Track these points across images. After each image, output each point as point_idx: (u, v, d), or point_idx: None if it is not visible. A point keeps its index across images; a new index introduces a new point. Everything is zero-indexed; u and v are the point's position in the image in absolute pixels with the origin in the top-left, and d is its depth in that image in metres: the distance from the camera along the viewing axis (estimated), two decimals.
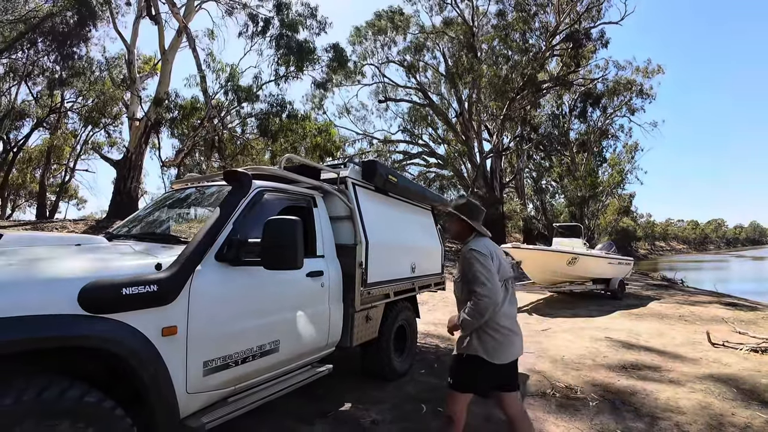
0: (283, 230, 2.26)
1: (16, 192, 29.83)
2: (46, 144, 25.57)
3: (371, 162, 3.79)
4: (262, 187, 2.78)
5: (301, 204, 3.18)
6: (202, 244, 2.22)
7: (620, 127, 28.94)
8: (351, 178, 3.58)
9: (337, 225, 3.43)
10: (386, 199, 4.10)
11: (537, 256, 8.63)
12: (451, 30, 22.88)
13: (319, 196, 3.37)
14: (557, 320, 7.42)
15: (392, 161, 25.53)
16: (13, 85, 20.78)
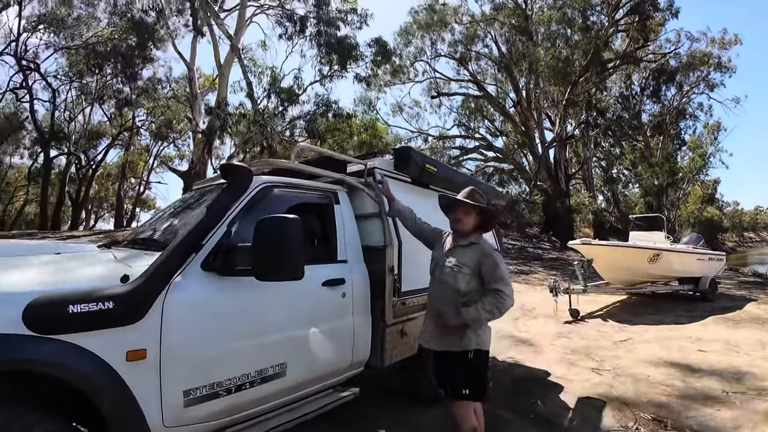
0: (277, 231, 1.84)
1: (99, 204, 32.81)
2: (121, 160, 27.74)
3: (404, 149, 3.24)
4: (267, 183, 2.41)
5: (319, 201, 2.78)
6: (180, 251, 1.84)
7: (699, 106, 26.07)
8: (380, 170, 3.10)
9: (364, 224, 2.97)
10: (424, 193, 3.52)
11: (612, 253, 7.54)
12: (502, 15, 21.64)
13: (342, 191, 2.94)
14: (638, 328, 6.37)
15: (448, 157, 24.64)
16: (87, 106, 22.65)
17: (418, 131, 24.87)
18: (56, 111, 20.89)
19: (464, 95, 24.32)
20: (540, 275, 12.42)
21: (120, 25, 18.80)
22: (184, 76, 21.61)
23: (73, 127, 23.06)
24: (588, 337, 5.76)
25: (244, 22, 18.78)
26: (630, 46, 22.05)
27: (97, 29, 19.54)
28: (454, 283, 2.23)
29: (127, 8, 18.17)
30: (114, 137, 25.17)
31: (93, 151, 25.64)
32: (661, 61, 22.96)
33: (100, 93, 21.10)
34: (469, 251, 2.27)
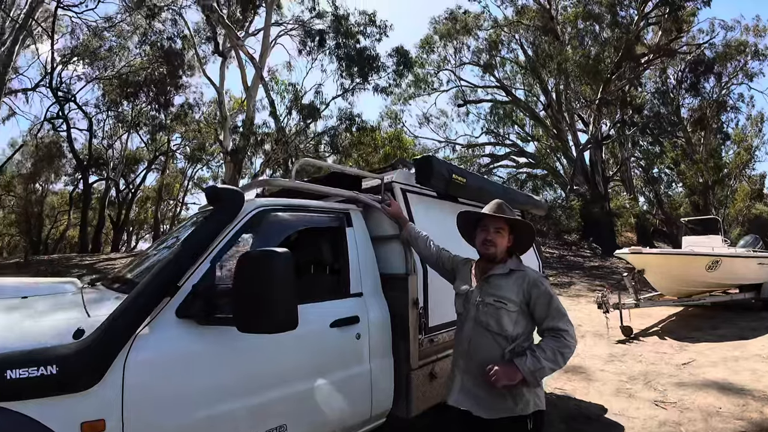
0: (263, 271, 1.47)
1: (140, 226, 34.01)
2: (158, 183, 28.71)
3: (426, 159, 2.78)
4: (264, 206, 2.08)
5: (328, 224, 2.42)
6: (148, 296, 1.52)
7: (739, 97, 24.39)
8: (399, 184, 2.68)
9: (382, 248, 2.56)
10: (453, 208, 3.04)
11: (666, 261, 6.77)
12: (526, 18, 21.07)
13: (355, 211, 2.55)
14: (700, 347, 5.62)
15: (478, 165, 23.96)
16: (123, 133, 23.60)
17: (446, 140, 24.34)
18: (94, 138, 21.84)
19: (492, 101, 23.70)
20: (582, 285, 11.62)
21: (150, 54, 19.54)
22: (215, 100, 22.22)
23: (111, 154, 24.14)
24: (645, 360, 5.10)
25: (268, 44, 19.10)
26: (663, 38, 21.00)
27: (129, 59, 20.39)
28: (498, 326, 1.76)
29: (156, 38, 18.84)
30: (150, 162, 26.11)
31: (132, 175, 26.74)
32: (696, 52, 21.73)
33: (136, 120, 21.91)
34: (511, 282, 1.82)
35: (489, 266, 1.91)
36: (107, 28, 18.97)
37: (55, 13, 17.62)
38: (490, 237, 1.88)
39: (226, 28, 15.96)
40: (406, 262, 2.45)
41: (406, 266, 2.45)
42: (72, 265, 12.62)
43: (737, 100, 24.49)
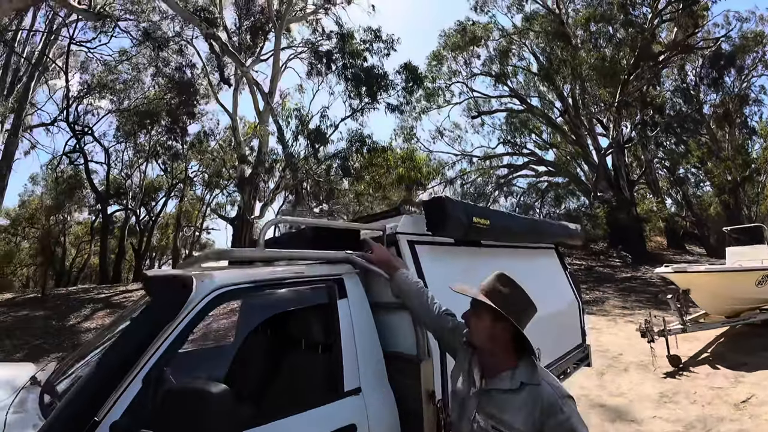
0: (188, 415, 1.09)
1: (162, 252, 34.46)
2: (176, 211, 29.09)
3: (437, 203, 2.21)
4: (223, 288, 1.58)
5: (313, 300, 1.95)
6: None
7: (761, 89, 23.58)
8: (405, 235, 2.17)
9: (386, 318, 2.03)
10: (473, 255, 2.55)
11: (713, 280, 6.17)
12: (536, 24, 20.74)
13: (350, 275, 2.01)
14: (758, 376, 5.00)
15: (496, 177, 23.43)
16: (142, 163, 24.08)
17: (462, 153, 23.90)
18: (113, 169, 22.34)
19: (506, 111, 23.28)
20: (616, 302, 10.97)
21: (163, 85, 19.91)
22: (230, 126, 22.52)
23: (130, 183, 24.64)
24: (701, 399, 4.55)
25: (279, 68, 19.23)
26: (679, 35, 20.41)
27: (143, 90, 20.85)
28: None
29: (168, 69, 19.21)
30: (169, 189, 26.51)
31: (152, 203, 27.21)
32: (713, 47, 21.05)
33: (153, 150, 22.29)
34: (519, 401, 1.28)
35: (492, 370, 1.39)
36: (121, 61, 19.46)
37: (68, 50, 18.12)
38: (473, 328, 1.42)
39: (232, 56, 16.10)
40: (417, 340, 1.90)
41: (417, 347, 1.89)
42: (88, 300, 12.61)
43: (759, 92, 23.60)
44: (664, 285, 11.73)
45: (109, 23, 16.26)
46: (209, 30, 14.45)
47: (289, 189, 15.50)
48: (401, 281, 1.85)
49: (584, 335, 3.45)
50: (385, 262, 1.96)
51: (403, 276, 1.87)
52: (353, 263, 2.03)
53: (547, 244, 3.46)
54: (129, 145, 22.36)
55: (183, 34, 18.25)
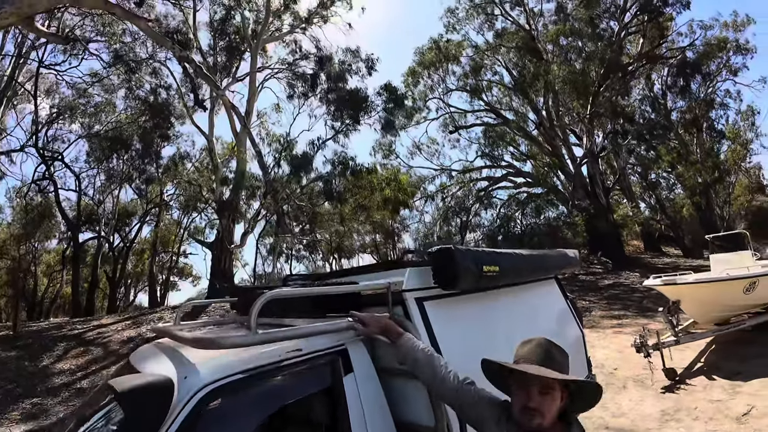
0: None
1: (137, 279, 33.28)
2: (151, 237, 28.26)
3: (446, 253, 2.00)
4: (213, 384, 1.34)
5: (315, 383, 1.68)
6: None
7: (726, 93, 24.58)
8: (413, 291, 1.96)
9: (395, 385, 1.83)
10: (479, 300, 2.34)
11: (702, 290, 6.31)
12: (508, 40, 21.30)
13: (355, 344, 1.81)
14: (755, 385, 5.04)
15: (476, 190, 23.69)
16: (114, 188, 23.38)
17: (441, 168, 24.13)
18: (85, 196, 21.57)
19: (483, 125, 23.68)
20: (602, 312, 11.07)
21: (135, 107, 19.47)
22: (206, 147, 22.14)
23: (102, 209, 23.85)
24: (702, 415, 4.55)
25: (255, 89, 19.08)
26: (645, 46, 21.27)
27: (115, 114, 20.35)
28: None
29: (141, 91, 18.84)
30: (143, 214, 25.76)
31: (126, 228, 26.39)
32: (678, 56, 22.00)
33: (126, 174, 21.67)
34: None
35: None
36: (92, 84, 18.97)
37: (37, 73, 17.53)
38: (533, 404, 1.26)
39: (206, 79, 15.84)
40: (434, 411, 1.68)
41: (435, 420, 1.67)
42: (61, 337, 11.97)
43: (724, 96, 24.61)
44: (647, 290, 11.95)
45: (79, 46, 15.84)
46: (182, 53, 14.17)
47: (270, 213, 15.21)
48: (407, 349, 1.62)
49: (590, 365, 3.39)
50: (383, 329, 1.71)
51: (408, 343, 1.64)
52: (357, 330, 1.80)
53: (553, 273, 3.38)
54: (101, 170, 21.67)
55: (156, 56, 17.94)
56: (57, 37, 13.40)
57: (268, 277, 23.91)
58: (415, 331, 1.81)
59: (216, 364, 1.41)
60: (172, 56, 16.92)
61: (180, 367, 1.41)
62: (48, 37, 13.46)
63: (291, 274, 2.79)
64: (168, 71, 18.97)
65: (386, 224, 25.07)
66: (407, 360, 1.61)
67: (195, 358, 1.47)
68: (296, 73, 16.56)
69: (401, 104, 17.05)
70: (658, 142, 23.47)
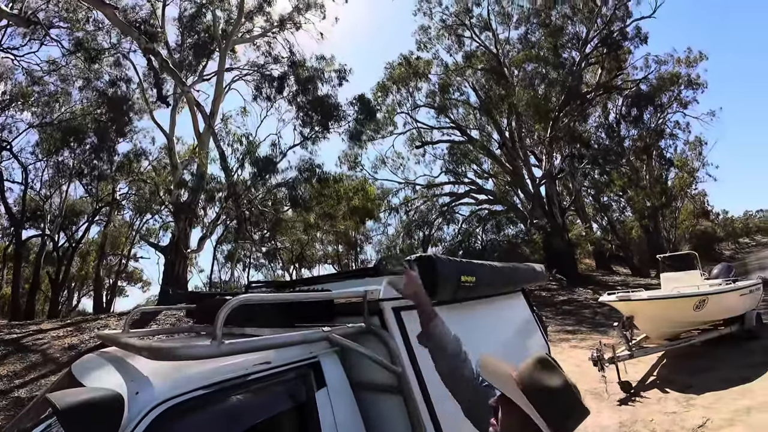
0: None
1: (81, 282, 31.11)
2: (100, 238, 26.60)
3: (426, 262, 1.95)
4: (170, 401, 1.19)
5: (285, 400, 1.52)
6: None
7: (675, 124, 26.46)
8: (390, 301, 1.83)
9: (372, 400, 1.71)
10: (450, 310, 2.17)
11: (655, 307, 6.65)
12: (477, 62, 21.99)
13: (328, 355, 1.68)
14: (707, 398, 5.33)
15: (439, 205, 24.06)
16: (63, 183, 21.93)
17: (406, 181, 24.39)
18: (30, 189, 20.09)
19: (448, 142, 24.20)
20: (558, 327, 11.41)
21: (93, 99, 18.45)
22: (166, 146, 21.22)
23: (49, 206, 22.25)
24: (659, 428, 4.70)
25: (222, 90, 18.54)
26: (603, 76, 22.55)
27: (71, 104, 19.20)
28: None
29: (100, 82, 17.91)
30: (92, 213, 24.23)
31: (73, 227, 24.65)
32: (633, 88, 23.45)
33: (77, 169, 20.36)
34: None
35: None
36: (48, 72, 17.83)
37: None
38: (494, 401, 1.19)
39: (172, 74, 15.29)
40: (412, 423, 1.57)
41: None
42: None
43: (674, 127, 26.40)
44: (598, 306, 12.46)
45: (40, 31, 14.87)
46: (148, 45, 13.65)
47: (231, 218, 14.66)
48: (440, 334, 1.46)
49: None
50: (422, 302, 1.53)
51: (441, 328, 1.49)
52: (329, 340, 1.60)
53: (521, 285, 3.41)
54: (50, 163, 20.28)
55: (119, 47, 17.12)
56: (20, 19, 12.60)
57: (225, 284, 23.04)
58: (392, 341, 1.70)
59: (173, 378, 1.25)
60: (136, 48, 16.23)
61: (131, 381, 1.24)
62: (10, 18, 12.62)
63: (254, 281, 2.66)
64: (131, 64, 18.17)
65: (350, 235, 24.91)
66: (435, 345, 1.46)
67: (148, 370, 1.29)
68: (265, 76, 16.22)
69: (373, 116, 17.04)
70: (611, 167, 24.77)
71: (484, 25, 22.27)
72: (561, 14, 21.71)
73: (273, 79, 15.43)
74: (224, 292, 3.16)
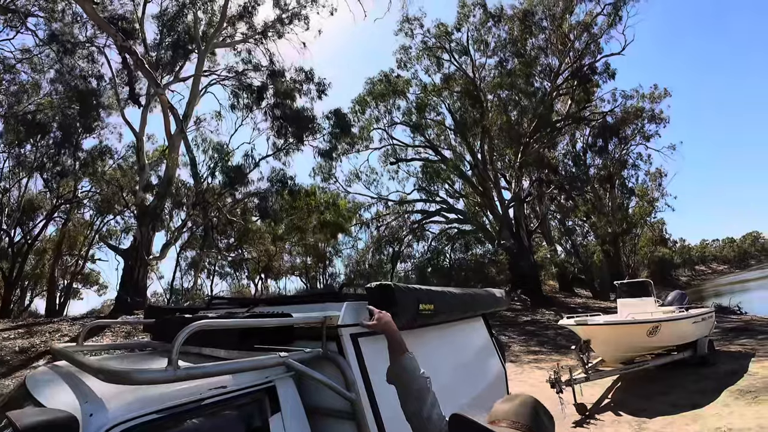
0: None
1: (36, 282, 29.41)
2: (57, 236, 25.35)
3: (385, 290, 1.94)
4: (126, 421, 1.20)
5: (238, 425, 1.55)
6: None
7: (638, 156, 28.00)
8: (348, 327, 1.86)
9: (324, 427, 1.74)
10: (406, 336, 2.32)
11: (611, 332, 6.93)
12: (454, 84, 22.60)
13: (283, 380, 1.68)
14: (659, 423, 5.53)
15: (410, 222, 24.31)
16: (23, 177, 20.94)
17: (378, 197, 24.57)
18: None
19: (422, 160, 24.61)
20: (521, 348, 11.65)
21: (62, 92, 17.79)
22: (134, 145, 20.58)
23: (6, 199, 21.12)
24: None
25: (198, 92, 18.25)
26: (573, 107, 23.59)
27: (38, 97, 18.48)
28: None
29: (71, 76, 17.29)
30: (51, 210, 23.10)
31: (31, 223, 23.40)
32: (599, 119, 24.63)
33: (39, 163, 19.45)
34: None
35: None
36: (20, 60, 17.14)
37: None
38: None
39: (146, 74, 14.97)
40: None
41: None
42: None
43: (636, 158, 27.81)
44: (559, 328, 12.82)
45: (17, 19, 14.32)
46: (125, 43, 13.34)
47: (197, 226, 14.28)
48: (409, 370, 1.43)
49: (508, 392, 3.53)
50: (394, 338, 1.52)
51: (412, 363, 1.46)
52: (288, 367, 1.63)
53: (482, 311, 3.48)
54: (11, 154, 19.34)
55: (95, 41, 16.65)
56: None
57: (187, 293, 22.30)
58: (348, 368, 1.73)
59: (127, 401, 1.25)
60: (111, 44, 15.82)
61: (85, 403, 1.24)
62: None
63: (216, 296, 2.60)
64: (105, 59, 17.68)
65: (319, 248, 24.73)
66: (401, 382, 1.44)
67: (102, 391, 1.29)
68: (243, 83, 16.08)
69: (348, 131, 17.13)
70: (576, 194, 25.76)
71: (462, 49, 22.94)
72: (535, 46, 22.68)
73: (252, 90, 15.29)
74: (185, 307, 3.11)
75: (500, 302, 3.75)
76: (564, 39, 22.37)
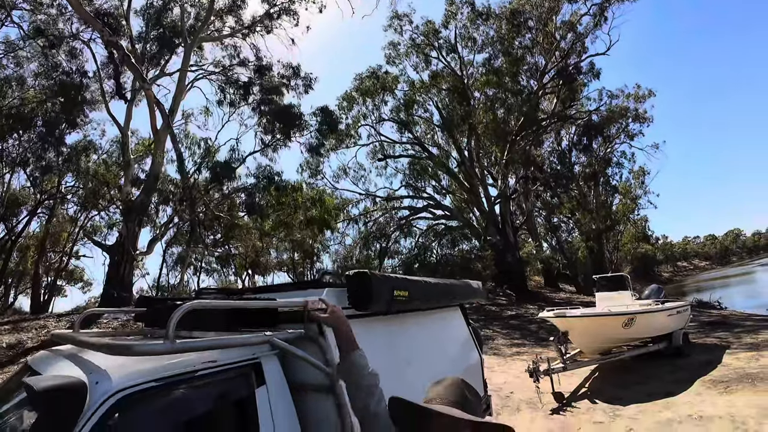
0: None
1: (19, 279, 28.92)
2: (41, 232, 24.94)
3: (360, 278, 2.13)
4: (126, 390, 1.32)
5: (227, 394, 1.66)
6: None
7: (622, 154, 28.54)
8: None
9: (306, 402, 1.87)
10: (387, 323, 2.52)
11: (587, 323, 7.22)
12: (442, 81, 22.77)
13: (268, 357, 1.82)
14: (632, 409, 5.81)
15: (398, 218, 24.49)
16: (6, 172, 20.57)
17: (366, 193, 24.69)
18: None
19: (409, 157, 24.78)
20: (504, 340, 11.94)
21: (46, 85, 17.53)
22: (119, 140, 20.36)
23: None
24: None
25: (184, 86, 18.10)
26: (558, 106, 23.96)
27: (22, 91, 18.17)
28: None
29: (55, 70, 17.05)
30: (35, 206, 22.74)
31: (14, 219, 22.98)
32: (585, 118, 25.05)
33: (22, 158, 19.13)
34: None
35: None
36: (4, 53, 16.83)
37: None
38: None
39: (132, 69, 14.83)
40: (342, 425, 1.74)
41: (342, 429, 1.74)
42: None
43: (620, 157, 28.35)
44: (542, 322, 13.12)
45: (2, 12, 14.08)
46: (111, 38, 13.21)
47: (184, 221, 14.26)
48: (357, 367, 1.49)
49: (485, 387, 3.73)
50: (344, 332, 1.59)
51: (361, 360, 1.51)
52: (270, 344, 1.77)
53: (459, 300, 3.66)
54: None
55: (80, 35, 16.42)
56: None
57: (174, 289, 22.19)
58: (328, 347, 1.88)
59: (128, 371, 1.38)
60: (97, 37, 15.63)
61: (90, 372, 1.37)
62: None
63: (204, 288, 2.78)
64: (90, 53, 17.44)
65: (306, 244, 24.78)
66: (350, 378, 1.49)
67: (105, 364, 1.41)
68: (231, 79, 16.02)
69: (335, 128, 17.18)
70: (561, 191, 26.18)
71: (450, 47, 23.12)
72: (522, 45, 22.94)
73: (239, 85, 15.25)
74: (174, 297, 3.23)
75: (477, 293, 3.91)
76: (550, 38, 22.67)
